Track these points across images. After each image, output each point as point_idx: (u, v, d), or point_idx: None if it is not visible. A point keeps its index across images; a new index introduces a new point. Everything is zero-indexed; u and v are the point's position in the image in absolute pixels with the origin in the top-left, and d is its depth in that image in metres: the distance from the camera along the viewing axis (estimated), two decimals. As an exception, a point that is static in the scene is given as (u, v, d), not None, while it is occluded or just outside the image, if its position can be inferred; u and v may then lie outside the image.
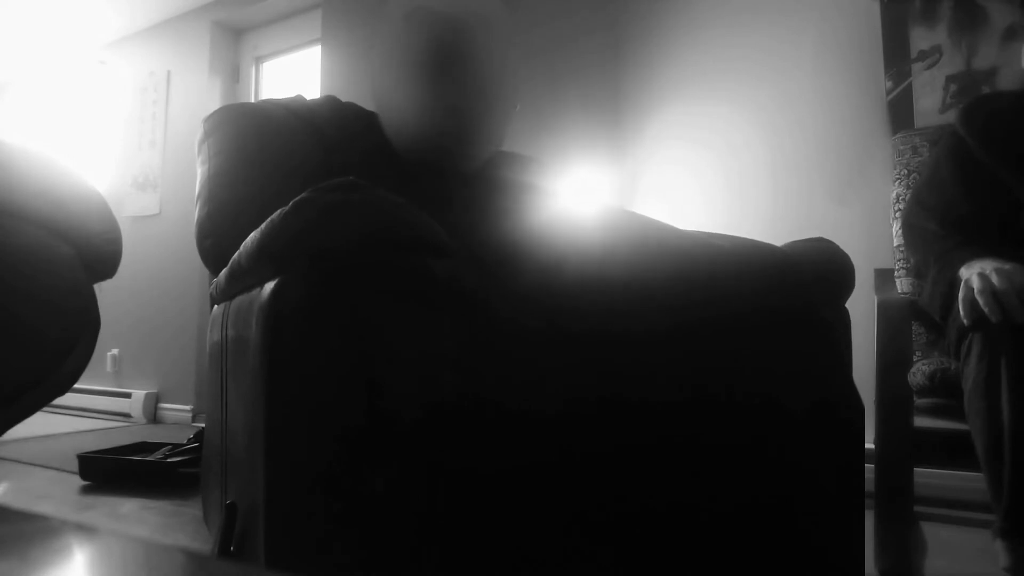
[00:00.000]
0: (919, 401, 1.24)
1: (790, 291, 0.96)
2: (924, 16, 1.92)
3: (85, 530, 0.37)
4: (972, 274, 1.04)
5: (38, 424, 2.07)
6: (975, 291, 1.01)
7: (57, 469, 2.16)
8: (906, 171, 1.60)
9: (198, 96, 3.59)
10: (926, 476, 1.62)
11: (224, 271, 0.92)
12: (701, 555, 0.83)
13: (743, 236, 1.05)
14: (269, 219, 0.72)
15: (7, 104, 4.68)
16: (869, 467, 1.02)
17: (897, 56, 1.94)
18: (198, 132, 1.17)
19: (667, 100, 2.31)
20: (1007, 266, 1.02)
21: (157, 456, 2.11)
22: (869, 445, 1.04)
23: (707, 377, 0.86)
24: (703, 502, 0.83)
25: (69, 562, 0.34)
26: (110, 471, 2.02)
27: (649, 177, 2.32)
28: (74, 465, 2.03)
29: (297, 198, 0.70)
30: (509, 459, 0.74)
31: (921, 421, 1.25)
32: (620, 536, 0.79)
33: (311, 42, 3.39)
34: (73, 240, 1.03)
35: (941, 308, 1.17)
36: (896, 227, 1.56)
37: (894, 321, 1.31)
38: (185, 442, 2.21)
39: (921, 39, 1.91)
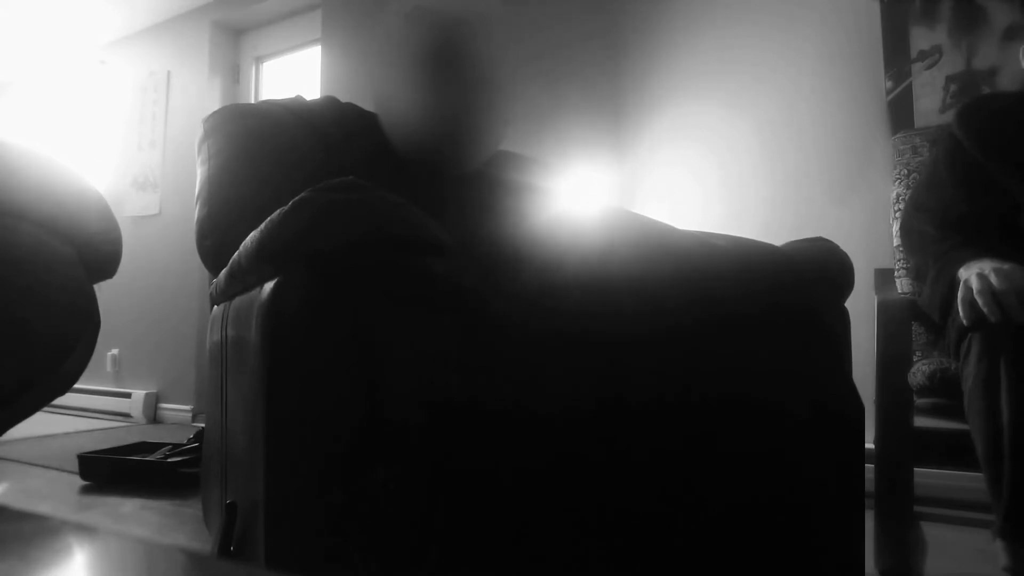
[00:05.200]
0: (919, 401, 1.24)
1: (790, 291, 0.96)
2: (924, 16, 1.92)
3: (85, 530, 0.37)
4: (971, 274, 1.04)
5: (38, 424, 2.07)
6: (974, 291, 1.01)
7: (57, 469, 2.16)
8: (906, 171, 1.60)
9: (198, 96, 3.59)
10: (926, 476, 1.62)
11: (224, 271, 0.92)
12: (702, 555, 0.83)
13: (743, 236, 1.05)
14: (269, 219, 0.72)
15: (7, 104, 4.68)
16: (869, 467, 1.02)
17: (897, 56, 1.94)
18: (198, 132, 1.17)
19: (667, 100, 2.31)
20: (1006, 266, 1.02)
21: (157, 456, 2.11)
22: (869, 445, 1.04)
23: (707, 377, 0.86)
24: (703, 502, 0.83)
25: (69, 562, 0.34)
26: (110, 471, 2.02)
27: (649, 178, 2.32)
28: (74, 465, 2.03)
29: (297, 198, 0.70)
30: (510, 459, 0.74)
31: (921, 421, 1.25)
32: (620, 536, 0.79)
33: (311, 42, 3.39)
34: (73, 240, 1.03)
35: (940, 308, 1.17)
36: (896, 227, 1.56)
37: (894, 321, 1.31)
38: (185, 442, 2.21)
39: (921, 39, 1.91)
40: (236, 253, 0.82)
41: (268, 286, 0.72)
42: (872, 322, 1.32)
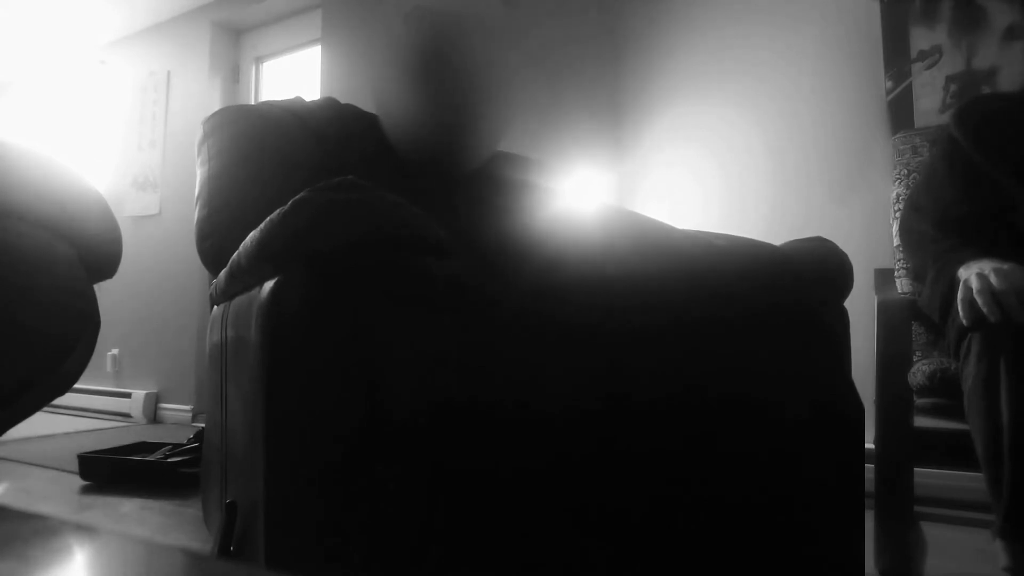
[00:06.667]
0: (919, 401, 1.24)
1: (789, 291, 0.97)
2: (924, 16, 1.92)
3: (85, 530, 0.37)
4: (971, 274, 1.04)
5: (38, 424, 2.08)
6: (974, 291, 1.01)
7: (57, 469, 2.16)
8: (906, 171, 1.60)
9: (198, 96, 3.59)
10: (926, 476, 1.62)
11: (224, 271, 0.92)
12: (702, 555, 0.83)
13: (743, 236, 1.05)
14: (268, 219, 0.72)
15: (7, 104, 4.68)
16: (869, 467, 1.02)
17: (897, 56, 1.94)
18: (198, 133, 1.17)
19: (667, 101, 2.31)
20: (1005, 266, 1.02)
21: (157, 456, 2.11)
22: (869, 445, 1.04)
23: (707, 376, 0.86)
24: (703, 502, 0.83)
25: (69, 562, 0.34)
26: (110, 471, 2.02)
27: (649, 178, 2.32)
28: (74, 465, 2.03)
29: (296, 198, 0.70)
30: (510, 459, 0.74)
31: (921, 421, 1.25)
32: (620, 535, 0.79)
33: (311, 42, 3.39)
34: (73, 240, 1.03)
35: (940, 308, 1.17)
36: (896, 227, 1.56)
37: (894, 321, 1.31)
38: (185, 442, 2.21)
39: (921, 39, 1.91)
40: (236, 253, 0.82)
41: (268, 286, 0.72)
42: (872, 322, 1.32)
